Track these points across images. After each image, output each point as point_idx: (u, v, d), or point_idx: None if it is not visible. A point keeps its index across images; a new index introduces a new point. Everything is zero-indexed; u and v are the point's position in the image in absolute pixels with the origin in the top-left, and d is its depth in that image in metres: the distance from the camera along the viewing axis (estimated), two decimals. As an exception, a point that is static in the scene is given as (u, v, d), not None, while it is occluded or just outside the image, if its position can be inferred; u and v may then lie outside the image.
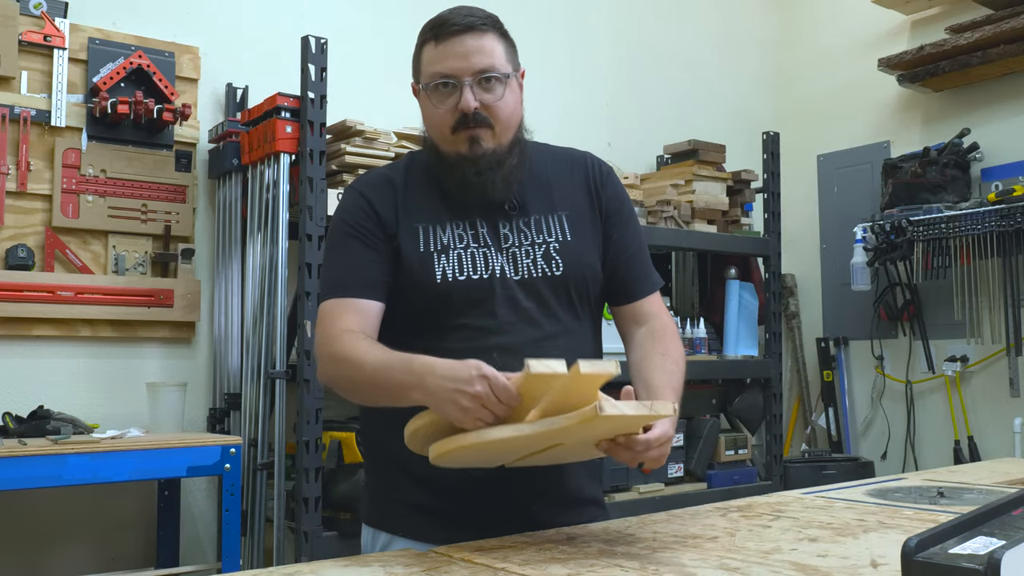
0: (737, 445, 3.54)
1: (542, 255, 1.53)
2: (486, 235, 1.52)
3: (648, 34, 4.31)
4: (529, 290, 1.51)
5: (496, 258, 1.51)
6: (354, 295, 1.50)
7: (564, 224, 1.56)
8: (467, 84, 1.47)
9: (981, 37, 3.65)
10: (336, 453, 2.65)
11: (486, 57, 1.48)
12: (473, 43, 1.48)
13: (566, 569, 1.14)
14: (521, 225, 1.54)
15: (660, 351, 1.53)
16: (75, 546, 2.80)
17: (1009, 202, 3.54)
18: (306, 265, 2.60)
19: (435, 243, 1.50)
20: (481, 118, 1.48)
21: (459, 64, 1.48)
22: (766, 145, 3.81)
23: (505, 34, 1.54)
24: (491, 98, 1.49)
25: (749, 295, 3.78)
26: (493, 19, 1.53)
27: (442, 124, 1.51)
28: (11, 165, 2.75)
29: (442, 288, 1.48)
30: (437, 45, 1.50)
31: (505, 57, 1.52)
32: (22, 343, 2.75)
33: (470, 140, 1.49)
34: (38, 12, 2.79)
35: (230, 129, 2.95)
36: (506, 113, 1.51)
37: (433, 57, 1.50)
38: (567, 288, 1.54)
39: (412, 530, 1.49)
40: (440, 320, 1.49)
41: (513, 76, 1.53)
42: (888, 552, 1.20)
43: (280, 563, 2.63)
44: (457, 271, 1.49)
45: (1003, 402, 3.78)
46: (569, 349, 1.50)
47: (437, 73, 1.49)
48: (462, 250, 1.50)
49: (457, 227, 1.52)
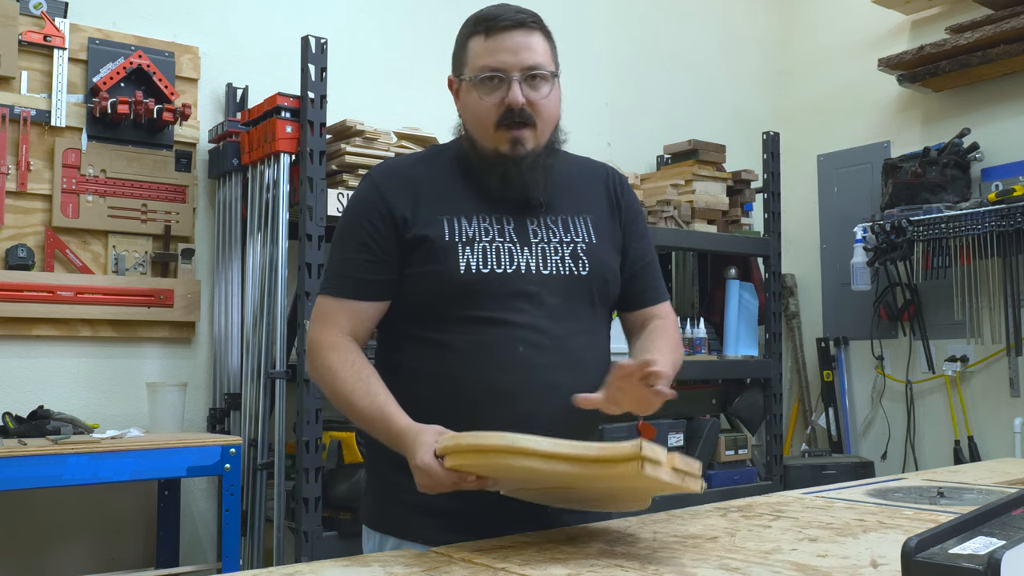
0: (737, 445, 3.54)
1: (570, 254, 1.54)
2: (512, 231, 1.53)
3: (648, 34, 4.31)
4: (555, 287, 1.52)
5: (521, 253, 1.52)
6: (350, 295, 1.52)
7: (589, 226, 1.59)
8: (516, 79, 1.49)
9: (981, 37, 3.65)
10: (336, 453, 2.65)
11: (535, 54, 1.50)
12: (523, 40, 1.50)
13: (566, 569, 1.14)
14: (549, 223, 1.56)
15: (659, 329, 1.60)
16: (75, 546, 2.80)
17: (1009, 202, 3.54)
18: (306, 265, 2.60)
19: (460, 234, 1.50)
20: (526, 115, 1.50)
21: (509, 59, 1.49)
22: (766, 145, 3.81)
23: (550, 35, 1.57)
24: (537, 96, 1.50)
25: (749, 295, 3.78)
26: (540, 19, 1.55)
27: (486, 118, 1.51)
28: (11, 165, 2.75)
29: (466, 279, 1.48)
30: (487, 39, 1.51)
31: (551, 56, 1.55)
32: (22, 343, 2.75)
33: (512, 141, 1.50)
34: (38, 12, 2.79)
35: (230, 129, 2.95)
36: (549, 112, 1.53)
37: (482, 50, 1.51)
38: (590, 288, 1.56)
39: (416, 533, 1.49)
40: (461, 311, 1.49)
41: (557, 77, 1.55)
42: (888, 552, 1.20)
43: (280, 563, 2.63)
44: (482, 263, 1.49)
45: (1003, 402, 3.78)
46: (588, 347, 1.54)
47: (486, 66, 1.50)
48: (487, 243, 1.50)
49: (484, 220, 1.52)
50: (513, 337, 1.46)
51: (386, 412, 1.42)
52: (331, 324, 1.52)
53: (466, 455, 1.25)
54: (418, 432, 1.36)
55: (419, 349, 1.51)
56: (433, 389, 1.48)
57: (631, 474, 1.13)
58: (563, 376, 1.47)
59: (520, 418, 1.42)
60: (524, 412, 1.43)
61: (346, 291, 1.52)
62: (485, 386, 1.45)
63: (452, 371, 1.47)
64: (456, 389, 1.47)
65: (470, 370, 1.46)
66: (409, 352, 1.53)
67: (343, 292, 1.53)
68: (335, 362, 1.49)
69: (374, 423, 1.44)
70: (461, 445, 1.25)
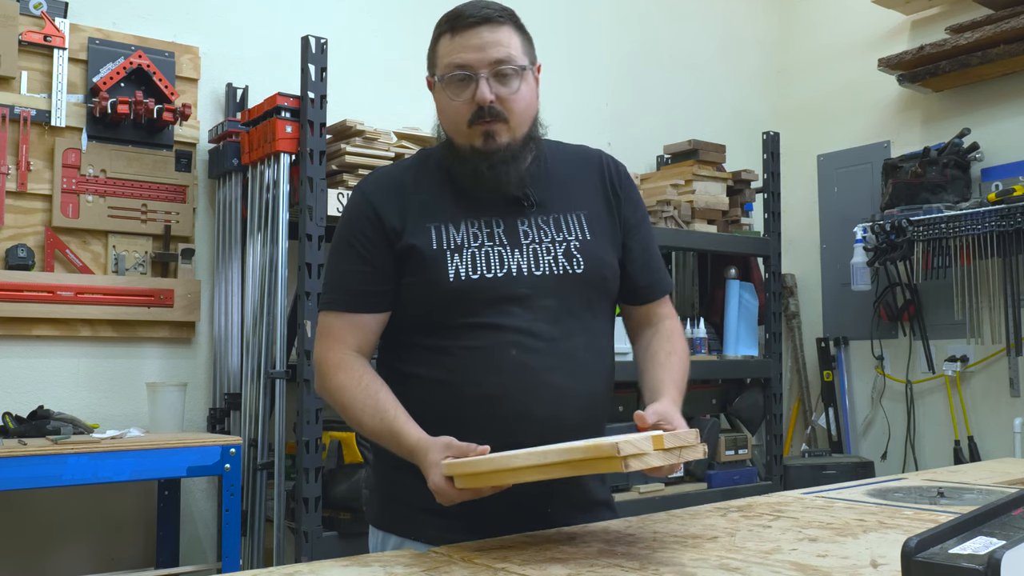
0: (737, 445, 3.54)
1: (563, 253, 1.52)
2: (502, 234, 1.51)
3: (648, 34, 4.31)
4: (548, 288, 1.50)
5: (512, 256, 1.50)
6: (353, 309, 1.53)
7: (583, 223, 1.56)
8: (483, 76, 1.47)
9: (981, 37, 3.65)
10: (336, 453, 2.65)
11: (502, 49, 1.48)
12: (489, 35, 1.48)
13: (566, 569, 1.14)
14: (540, 222, 1.54)
15: (666, 349, 1.58)
16: (75, 546, 2.80)
17: (1009, 202, 3.54)
18: (306, 265, 2.60)
19: (448, 242, 1.50)
20: (496, 111, 1.48)
21: (475, 56, 1.47)
22: (766, 145, 3.81)
23: (521, 27, 1.54)
24: (506, 91, 1.48)
25: (749, 295, 3.78)
26: (509, 12, 1.53)
27: (457, 117, 1.50)
28: (11, 165, 2.75)
29: (455, 287, 1.47)
30: (453, 37, 1.50)
31: (521, 50, 1.52)
32: (22, 343, 2.75)
33: (484, 135, 1.49)
34: (38, 12, 2.79)
35: (230, 129, 2.95)
36: (521, 106, 1.50)
37: (449, 49, 1.50)
38: (587, 286, 1.54)
39: (419, 532, 1.49)
40: (456, 318, 1.49)
41: (529, 69, 1.52)
42: (888, 552, 1.20)
43: (280, 563, 2.63)
44: (471, 270, 1.48)
45: (1003, 402, 3.78)
46: (586, 347, 1.53)
47: (453, 64, 1.49)
48: (476, 249, 1.49)
49: (472, 226, 1.51)
50: (506, 341, 1.46)
51: (395, 429, 1.43)
52: (336, 341, 1.52)
53: (469, 478, 1.29)
54: (427, 450, 1.36)
55: (420, 356, 1.51)
56: (434, 395, 1.48)
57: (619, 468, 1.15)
58: (558, 377, 1.47)
59: (515, 421, 1.42)
60: (519, 415, 1.43)
61: (346, 305, 1.53)
62: (480, 391, 1.45)
63: (449, 377, 1.47)
64: (454, 395, 1.47)
65: (465, 375, 1.46)
66: (410, 359, 1.53)
67: (343, 306, 1.53)
68: (344, 382, 1.50)
69: (386, 441, 1.46)
70: (462, 471, 1.29)
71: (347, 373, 1.50)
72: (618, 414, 3.15)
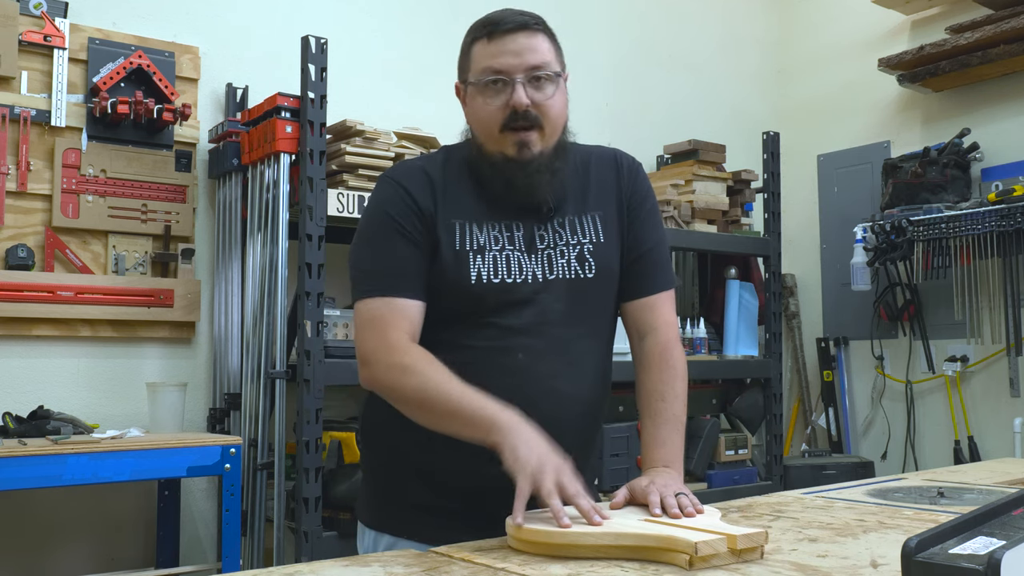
0: (737, 445, 3.54)
1: (576, 257, 1.53)
2: (521, 238, 1.52)
3: (648, 34, 4.31)
4: (560, 292, 1.51)
5: (528, 261, 1.51)
6: (401, 295, 1.48)
7: (597, 224, 1.57)
8: (519, 81, 1.47)
9: (981, 37, 3.65)
10: (336, 453, 2.66)
11: (538, 55, 1.49)
12: (526, 41, 1.49)
13: (566, 569, 1.14)
14: (556, 227, 1.54)
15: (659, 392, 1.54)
16: (75, 546, 2.80)
17: (1009, 202, 3.54)
18: (306, 265, 2.60)
19: (471, 242, 1.49)
20: (532, 117, 1.48)
21: (512, 61, 1.48)
22: (766, 145, 3.81)
23: (553, 36, 1.55)
24: (542, 96, 1.49)
25: (749, 295, 3.78)
26: (543, 21, 1.54)
27: (491, 122, 1.49)
28: (11, 165, 2.75)
29: (476, 290, 1.47)
30: (489, 42, 1.50)
31: (555, 57, 1.53)
32: (22, 343, 2.75)
33: (518, 144, 1.48)
34: (38, 12, 2.79)
35: (230, 129, 2.95)
36: (555, 112, 1.51)
37: (484, 54, 1.50)
38: (596, 290, 1.55)
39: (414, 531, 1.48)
40: (468, 317, 1.49)
41: (561, 77, 1.53)
42: (888, 552, 1.20)
43: (280, 563, 2.63)
44: (492, 274, 1.48)
45: (1003, 402, 3.78)
46: (590, 351, 1.54)
47: (489, 69, 1.49)
48: (497, 252, 1.50)
49: (493, 228, 1.51)
50: (514, 345, 1.47)
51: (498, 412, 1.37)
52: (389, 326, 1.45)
53: (532, 543, 1.23)
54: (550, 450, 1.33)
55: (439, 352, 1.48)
56: None
57: (683, 564, 1.12)
58: (561, 383, 1.48)
59: None
60: None
61: (398, 291, 1.47)
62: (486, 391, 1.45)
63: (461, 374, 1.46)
64: None
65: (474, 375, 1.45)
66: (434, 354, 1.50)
67: (395, 292, 1.47)
68: (411, 362, 1.43)
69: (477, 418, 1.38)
70: (531, 539, 1.23)
71: (412, 356, 1.43)
72: (618, 414, 3.15)
